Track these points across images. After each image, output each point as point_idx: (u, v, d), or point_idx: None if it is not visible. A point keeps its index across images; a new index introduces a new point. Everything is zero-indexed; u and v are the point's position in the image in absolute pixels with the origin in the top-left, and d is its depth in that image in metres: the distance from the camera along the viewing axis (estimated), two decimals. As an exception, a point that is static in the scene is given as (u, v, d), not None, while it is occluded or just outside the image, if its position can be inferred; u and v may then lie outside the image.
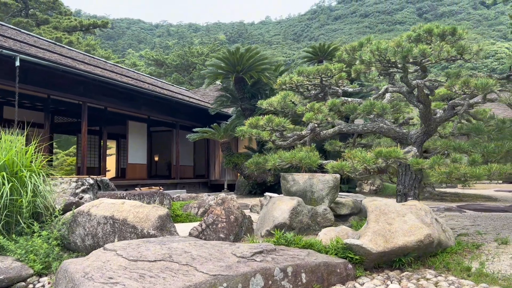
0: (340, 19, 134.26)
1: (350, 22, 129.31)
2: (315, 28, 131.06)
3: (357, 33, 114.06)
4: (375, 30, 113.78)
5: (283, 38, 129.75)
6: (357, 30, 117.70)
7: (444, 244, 4.61)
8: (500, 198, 12.99)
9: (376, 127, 6.95)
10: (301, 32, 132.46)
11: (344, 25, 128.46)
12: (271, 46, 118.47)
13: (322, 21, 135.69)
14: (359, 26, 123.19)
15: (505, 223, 7.17)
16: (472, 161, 4.98)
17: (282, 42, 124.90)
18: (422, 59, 5.44)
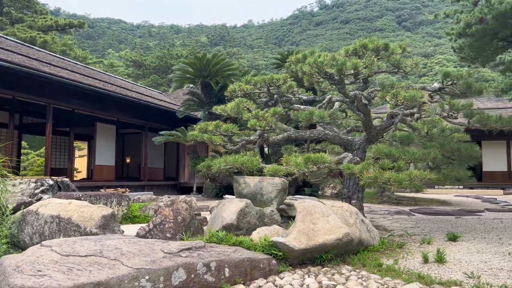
0: (321, 24, 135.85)
1: (331, 28, 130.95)
2: (297, 33, 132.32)
3: (338, 39, 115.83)
4: (356, 36, 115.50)
5: (265, 42, 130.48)
6: (337, 36, 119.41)
7: (366, 243, 5.03)
8: (454, 202, 13.63)
9: (322, 134, 7.38)
10: (283, 36, 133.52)
11: (325, 30, 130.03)
12: (253, 49, 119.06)
13: (303, 26, 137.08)
14: (340, 32, 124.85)
15: (442, 226, 7.69)
16: (398, 167, 5.41)
17: (264, 46, 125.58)
18: (356, 71, 5.87)
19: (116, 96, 13.13)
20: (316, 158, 5.07)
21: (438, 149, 6.08)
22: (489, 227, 7.23)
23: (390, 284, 3.81)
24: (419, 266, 4.42)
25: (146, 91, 18.03)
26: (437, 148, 6.05)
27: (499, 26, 6.40)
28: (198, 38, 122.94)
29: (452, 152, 6.50)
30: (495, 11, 6.18)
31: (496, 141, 20.16)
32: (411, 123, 6.99)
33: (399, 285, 3.78)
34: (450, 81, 6.48)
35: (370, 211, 10.36)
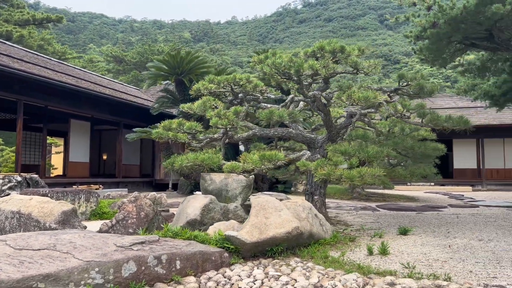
0: (305, 22, 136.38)
1: (314, 26, 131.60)
2: (280, 30, 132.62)
3: (321, 36, 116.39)
4: (338, 34, 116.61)
5: (249, 39, 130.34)
6: (321, 34, 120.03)
7: (317, 236, 5.29)
8: (422, 199, 14.08)
9: (286, 132, 7.62)
10: (267, 33, 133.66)
11: (308, 28, 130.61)
12: (236, 46, 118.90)
13: (287, 24, 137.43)
14: (323, 30, 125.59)
15: (400, 221, 8.02)
16: (350, 165, 5.68)
17: (248, 43, 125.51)
18: (313, 72, 6.11)
19: (89, 93, 13.13)
20: (271, 156, 5.29)
21: (391, 147, 6.37)
22: (443, 222, 7.58)
23: (330, 274, 4.06)
24: (363, 258, 4.69)
25: (123, 87, 18.00)
26: (391, 146, 6.34)
27: (451, 31, 6.72)
28: (181, 34, 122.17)
29: (406, 150, 6.79)
30: (447, 16, 6.49)
31: (467, 140, 20.79)
32: (370, 122, 7.28)
33: (339, 275, 4.03)
34: (405, 82, 6.77)
35: (337, 207, 10.68)
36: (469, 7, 6.38)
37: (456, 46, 8.23)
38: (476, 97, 10.36)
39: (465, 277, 3.85)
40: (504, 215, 8.75)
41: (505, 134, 20.07)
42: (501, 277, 3.84)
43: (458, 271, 4.07)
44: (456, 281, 3.69)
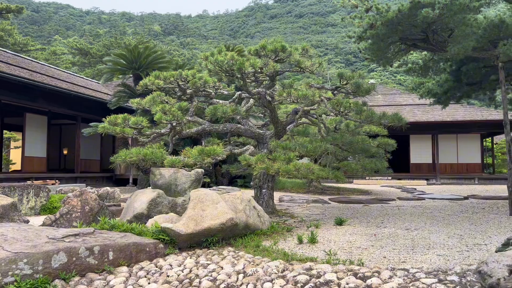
0: (276, 18, 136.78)
1: (285, 22, 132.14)
2: (252, 25, 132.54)
3: (292, 33, 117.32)
4: (309, 31, 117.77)
5: (220, 33, 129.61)
6: (292, 30, 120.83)
7: (254, 227, 5.54)
8: (376, 192, 14.64)
9: (234, 128, 7.83)
10: (238, 28, 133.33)
11: (279, 24, 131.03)
12: (207, 40, 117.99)
13: (258, 19, 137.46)
14: (294, 26, 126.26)
15: (345, 212, 8.40)
16: (288, 159, 5.95)
17: (219, 37, 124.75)
18: (255, 70, 6.34)
19: (44, 87, 12.91)
20: (209, 151, 5.50)
21: (330, 142, 6.69)
22: (383, 213, 8.01)
23: (256, 262, 4.32)
24: (293, 247, 4.98)
25: (83, 81, 17.71)
26: (329, 142, 6.66)
27: (389, 32, 7.09)
28: (151, 27, 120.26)
29: (344, 145, 7.13)
30: (383, 18, 6.85)
31: (423, 135, 21.66)
32: (318, 118, 7.60)
33: (264, 262, 4.29)
34: (345, 81, 7.11)
35: (291, 200, 11.01)
36: (404, 10, 6.76)
37: (399, 46, 8.65)
38: (421, 94, 10.89)
39: (378, 262, 4.19)
40: (443, 207, 9.30)
41: (458, 130, 21.02)
42: (409, 261, 4.20)
43: (374, 257, 4.41)
44: (367, 266, 4.01)
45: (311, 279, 3.72)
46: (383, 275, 3.70)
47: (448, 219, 7.09)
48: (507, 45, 7.12)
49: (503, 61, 7.63)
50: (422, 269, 3.84)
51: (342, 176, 8.23)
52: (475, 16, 7.47)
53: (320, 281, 3.64)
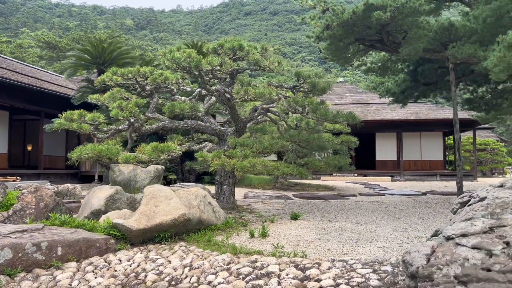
0: (250, 14, 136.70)
1: (260, 19, 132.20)
2: (226, 21, 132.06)
3: (266, 30, 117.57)
4: (283, 28, 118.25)
5: (194, 29, 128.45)
6: (266, 27, 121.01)
7: (208, 222, 5.64)
8: (340, 188, 14.99)
9: (195, 125, 7.90)
10: (212, 24, 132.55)
11: (254, 21, 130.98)
12: (181, 36, 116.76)
13: (233, 15, 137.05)
14: (268, 23, 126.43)
15: (304, 208, 8.60)
16: (244, 156, 6.08)
17: (193, 33, 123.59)
18: (212, 68, 6.43)
19: (3, 81, 12.57)
20: (163, 147, 5.56)
21: (286, 139, 6.86)
22: (339, 208, 8.26)
23: (205, 255, 4.43)
24: (244, 241, 5.11)
25: (47, 76, 17.28)
26: (285, 139, 6.83)
27: (345, 33, 7.31)
28: (123, 21, 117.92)
29: (302, 142, 7.32)
30: (339, 20, 7.06)
31: (388, 133, 22.26)
32: (274, 116, 7.75)
33: (213, 256, 4.40)
34: (302, 80, 7.29)
35: (255, 196, 11.16)
36: (358, 12, 6.99)
37: (359, 47, 8.91)
38: (381, 93, 11.25)
39: (321, 255, 4.37)
40: (399, 202, 9.66)
41: (422, 128, 21.73)
42: (350, 253, 4.40)
43: (319, 249, 4.60)
44: (310, 258, 4.19)
45: (254, 270, 3.86)
46: (323, 266, 3.88)
47: (400, 213, 7.40)
48: (456, 47, 7.47)
49: (453, 62, 7.99)
50: (361, 260, 4.04)
51: (306, 172, 8.42)
52: (427, 19, 7.79)
53: (261, 273, 3.78)
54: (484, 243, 2.74)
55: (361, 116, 22.74)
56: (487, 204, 3.33)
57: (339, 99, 24.49)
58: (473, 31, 7.45)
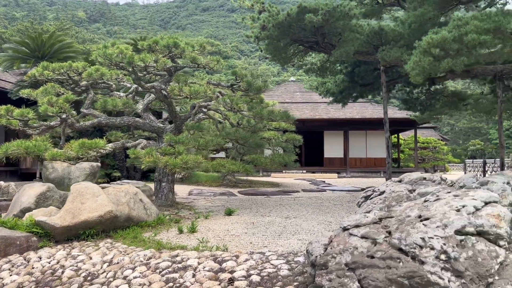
0: (208, 10, 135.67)
1: (217, 16, 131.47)
2: (183, 17, 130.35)
3: (224, 27, 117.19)
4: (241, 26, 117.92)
5: (150, 24, 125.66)
6: (224, 24, 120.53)
7: (137, 219, 5.66)
8: (286, 185, 15.34)
9: (132, 121, 7.84)
10: (169, 19, 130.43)
11: (212, 17, 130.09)
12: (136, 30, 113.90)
13: (190, 11, 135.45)
14: (226, 20, 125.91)
15: (243, 204, 8.77)
16: (177, 153, 6.14)
17: (148, 27, 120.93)
18: (146, 65, 6.43)
19: None
20: (90, 144, 5.52)
21: (222, 137, 6.99)
22: (277, 204, 8.51)
23: (128, 251, 4.47)
24: (172, 236, 5.19)
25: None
26: (221, 137, 6.95)
27: (280, 34, 7.55)
28: (74, 13, 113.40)
29: (240, 140, 7.47)
30: (275, 21, 7.28)
31: (336, 131, 22.97)
32: (216, 113, 7.85)
33: (136, 251, 4.45)
34: (239, 79, 7.44)
35: (199, 193, 11.22)
36: (292, 14, 7.23)
37: (299, 48, 9.19)
38: (321, 93, 11.65)
39: (242, 248, 4.53)
40: (336, 197, 10.06)
41: (367, 127, 22.61)
42: (270, 246, 4.60)
43: (242, 243, 4.77)
44: (230, 251, 4.34)
45: (173, 265, 3.96)
46: (241, 258, 4.05)
47: (331, 208, 7.75)
48: (385, 51, 7.90)
49: (384, 65, 8.44)
50: (278, 252, 4.25)
51: (252, 169, 8.59)
52: (360, 23, 8.18)
53: (179, 266, 3.89)
54: (371, 232, 3.00)
55: (309, 115, 23.23)
56: (385, 197, 3.63)
57: (290, 98, 24.97)
58: (401, 36, 7.91)
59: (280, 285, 3.45)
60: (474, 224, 2.72)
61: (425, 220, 2.82)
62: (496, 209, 2.83)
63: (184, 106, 9.93)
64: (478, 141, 49.58)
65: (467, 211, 2.79)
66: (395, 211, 3.23)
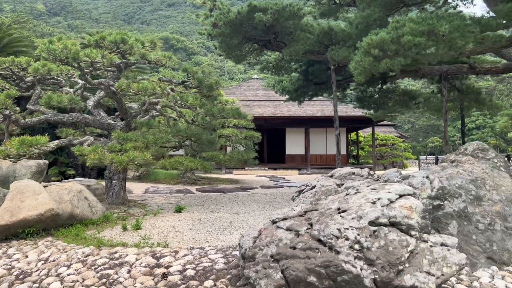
0: (174, 6, 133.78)
1: (183, 11, 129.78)
2: (148, 12, 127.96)
3: (190, 23, 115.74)
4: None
5: (113, 18, 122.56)
6: (189, 20, 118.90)
7: (81, 217, 5.60)
8: (246, 181, 15.46)
9: (81, 118, 7.70)
10: (133, 14, 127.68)
11: (177, 13, 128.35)
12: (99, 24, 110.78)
13: (155, 6, 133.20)
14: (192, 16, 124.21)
15: (198, 201, 8.80)
16: (124, 150, 6.10)
17: (112, 22, 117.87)
18: (92, 61, 6.34)
19: None
20: (31, 141, 5.40)
21: (172, 134, 6.99)
22: (231, 200, 8.59)
23: (67, 249, 4.43)
24: (116, 234, 5.17)
25: None
26: (171, 134, 6.95)
27: (232, 32, 7.62)
28: (33, 5, 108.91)
29: (192, 137, 7.49)
30: (226, 19, 7.34)
31: (297, 129, 23.32)
32: (161, 111, 7.82)
33: (76, 249, 4.41)
34: (191, 76, 7.46)
35: (155, 191, 11.14)
36: (243, 12, 7.32)
37: (254, 46, 9.29)
38: (277, 91, 11.82)
39: (184, 243, 4.59)
40: (291, 193, 10.25)
41: (327, 125, 23.01)
42: (212, 241, 4.68)
43: (185, 239, 4.82)
44: (171, 247, 4.39)
45: (110, 261, 3.97)
46: (180, 253, 4.10)
47: (283, 203, 7.92)
48: (334, 50, 8.12)
49: (334, 64, 8.67)
50: (217, 247, 4.33)
51: (211, 166, 8.60)
52: (311, 23, 8.37)
53: (115, 263, 3.90)
54: (295, 225, 3.13)
55: (272, 112, 23.42)
56: (315, 191, 3.78)
57: (253, 95, 25.12)
58: (350, 36, 8.16)
59: (213, 278, 3.54)
60: (387, 216, 2.90)
61: (342, 212, 2.98)
62: (409, 201, 3.02)
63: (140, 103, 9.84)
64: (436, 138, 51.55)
65: (381, 203, 2.97)
66: (321, 204, 3.38)
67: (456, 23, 5.57)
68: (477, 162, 4.53)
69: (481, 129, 46.79)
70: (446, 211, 3.82)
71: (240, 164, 11.19)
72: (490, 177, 4.33)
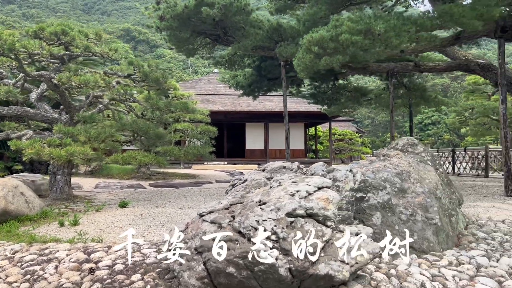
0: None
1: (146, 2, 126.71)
2: (109, 2, 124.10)
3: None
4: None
5: (72, 8, 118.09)
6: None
7: (16, 213, 5.43)
8: (203, 176, 15.44)
9: (22, 111, 7.44)
10: (93, 4, 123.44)
11: (140, 4, 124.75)
12: (56, 14, 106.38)
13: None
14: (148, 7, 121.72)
15: (147, 196, 8.72)
16: (64, 144, 5.96)
17: (70, 12, 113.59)
18: (30, 52, 6.13)
19: None
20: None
21: (117, 128, 6.89)
22: (180, 195, 8.59)
23: (-4, 246, 4.30)
24: (52, 230, 5.06)
25: None
26: (115, 128, 6.85)
27: (180, 25, 7.57)
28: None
29: (138, 131, 7.40)
30: (173, 12, 7.29)
31: (257, 124, 23.49)
32: (107, 105, 7.68)
33: (5, 245, 4.29)
34: (137, 70, 7.36)
35: (105, 186, 10.94)
36: (190, 6, 7.29)
37: (206, 40, 9.26)
38: (231, 86, 11.87)
39: (119, 239, 4.56)
40: (243, 187, 10.35)
41: (286, 120, 23.38)
42: (149, 235, 4.68)
43: (122, 234, 4.78)
44: (105, 242, 4.36)
45: (38, 257, 3.89)
46: (113, 249, 4.08)
47: (231, 198, 7.98)
48: (282, 47, 8.25)
49: (283, 60, 8.80)
50: (152, 241, 4.34)
51: (165, 161, 8.51)
52: (261, 18, 8.45)
53: (44, 259, 3.83)
54: (218, 217, 3.20)
55: (231, 107, 23.44)
56: (246, 185, 3.87)
57: (213, 89, 25.02)
58: (298, 33, 8.31)
59: (141, 272, 3.55)
60: (304, 207, 3.02)
61: (263, 205, 3.07)
62: (326, 193, 3.16)
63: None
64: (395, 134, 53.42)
65: (300, 195, 3.09)
66: (248, 197, 3.46)
67: (392, 22, 5.80)
68: (405, 156, 4.77)
69: (436, 125, 48.57)
70: (371, 203, 4.01)
71: (197, 158, 11.20)
72: (415, 171, 4.57)
